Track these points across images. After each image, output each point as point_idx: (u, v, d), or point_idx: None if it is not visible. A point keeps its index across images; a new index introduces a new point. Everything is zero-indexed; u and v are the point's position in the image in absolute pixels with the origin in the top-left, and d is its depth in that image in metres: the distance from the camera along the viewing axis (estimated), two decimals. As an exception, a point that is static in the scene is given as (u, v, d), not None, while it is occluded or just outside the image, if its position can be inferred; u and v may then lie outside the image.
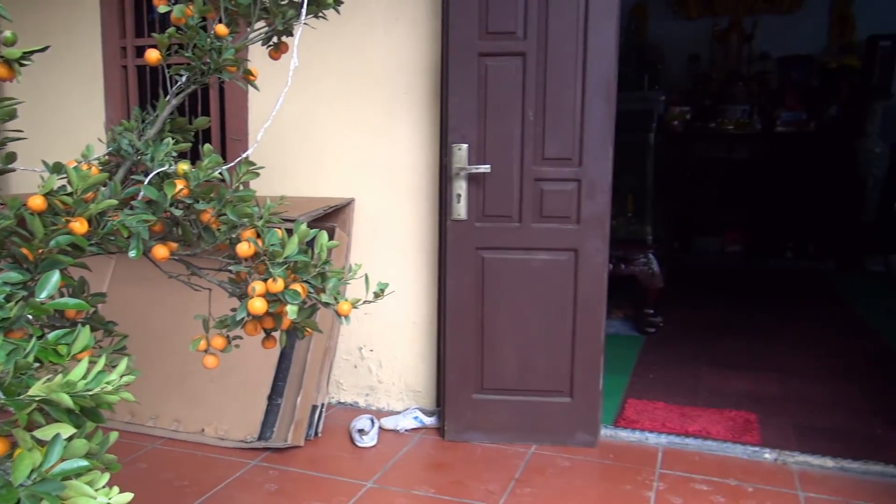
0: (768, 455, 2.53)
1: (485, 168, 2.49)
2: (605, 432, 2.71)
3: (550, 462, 2.52)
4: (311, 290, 1.48)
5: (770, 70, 6.56)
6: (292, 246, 1.43)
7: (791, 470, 2.45)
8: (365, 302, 1.55)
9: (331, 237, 1.94)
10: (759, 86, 6.45)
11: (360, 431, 2.67)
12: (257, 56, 2.08)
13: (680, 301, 4.75)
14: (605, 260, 2.52)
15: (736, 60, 6.62)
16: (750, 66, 6.61)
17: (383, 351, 2.95)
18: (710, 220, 6.49)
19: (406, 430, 2.77)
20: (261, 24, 1.63)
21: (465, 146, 2.50)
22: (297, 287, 1.44)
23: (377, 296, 1.55)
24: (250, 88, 1.71)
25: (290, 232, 1.49)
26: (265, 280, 1.42)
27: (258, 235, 1.48)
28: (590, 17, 2.42)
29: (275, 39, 1.68)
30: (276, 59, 1.72)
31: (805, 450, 2.54)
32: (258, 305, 1.40)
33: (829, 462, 2.47)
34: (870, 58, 6.07)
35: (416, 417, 2.79)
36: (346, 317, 1.50)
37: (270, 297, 1.42)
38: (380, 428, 2.74)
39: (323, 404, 2.74)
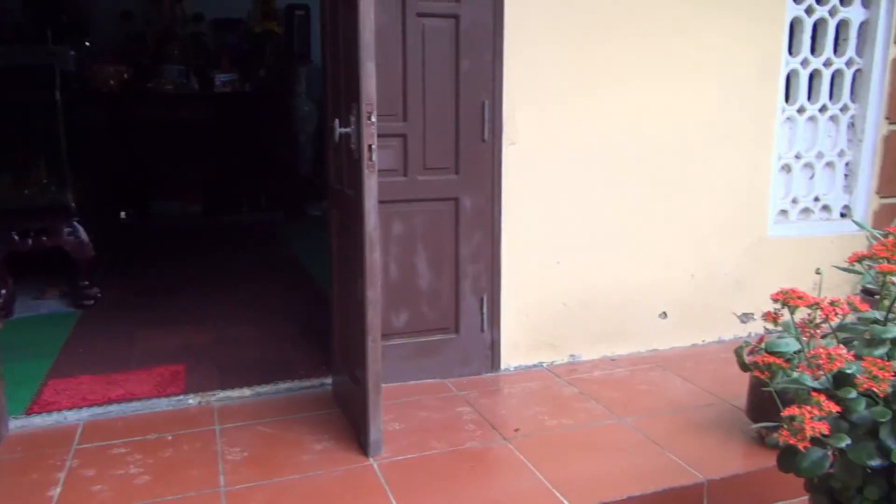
0: (192, 400, 2.63)
1: None
2: (15, 424, 2.43)
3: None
4: None
5: (205, 31, 6.74)
6: None
7: (213, 408, 2.58)
8: None
9: None
10: (196, 47, 6.58)
11: None
12: None
13: (132, 268, 4.60)
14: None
15: (171, 20, 6.60)
16: (185, 26, 6.67)
17: None
18: (167, 183, 6.43)
19: None
20: None
21: None
22: None
23: None
24: None
25: None
26: None
27: None
28: None
29: None
30: None
31: (227, 387, 2.72)
32: None
33: (246, 392, 2.70)
34: (290, 24, 6.74)
35: None
36: None
37: None
38: None
39: None
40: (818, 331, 1.42)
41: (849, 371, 1.37)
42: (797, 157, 3.35)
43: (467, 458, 2.22)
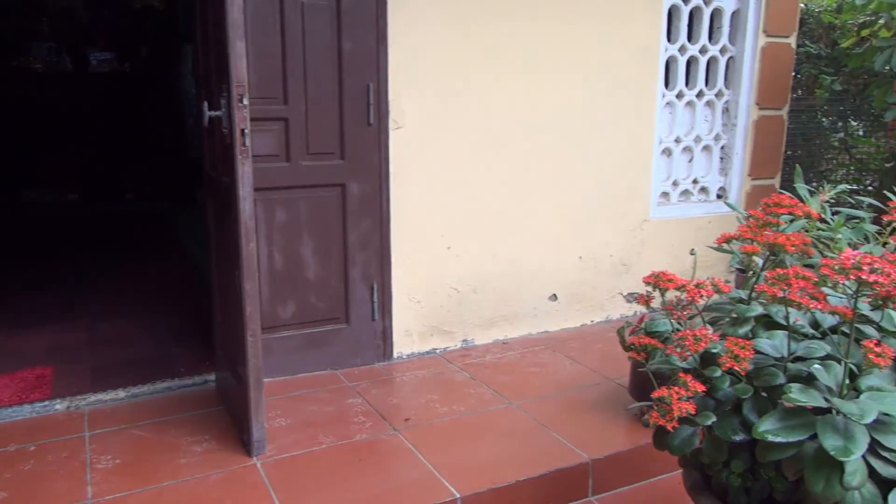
0: (59, 406, 2.44)
1: None
2: None
3: None
4: None
5: (77, 6, 6.27)
6: None
7: (83, 413, 2.41)
8: None
9: None
10: (67, 22, 6.11)
11: None
12: None
13: (-6, 263, 4.24)
14: None
15: (38, -8, 6.10)
16: (55, 1, 6.18)
17: None
18: (41, 170, 5.97)
19: None
20: None
21: None
22: None
23: None
24: None
25: None
26: None
27: None
28: None
29: None
30: None
31: (99, 389, 2.54)
32: None
33: (121, 394, 2.53)
34: (172, 1, 6.37)
35: None
36: None
37: None
38: None
39: None
40: (685, 312, 1.46)
41: (714, 351, 1.41)
42: (677, 140, 3.47)
43: (356, 451, 2.17)
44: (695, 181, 3.58)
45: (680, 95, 3.43)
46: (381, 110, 2.69)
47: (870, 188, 4.20)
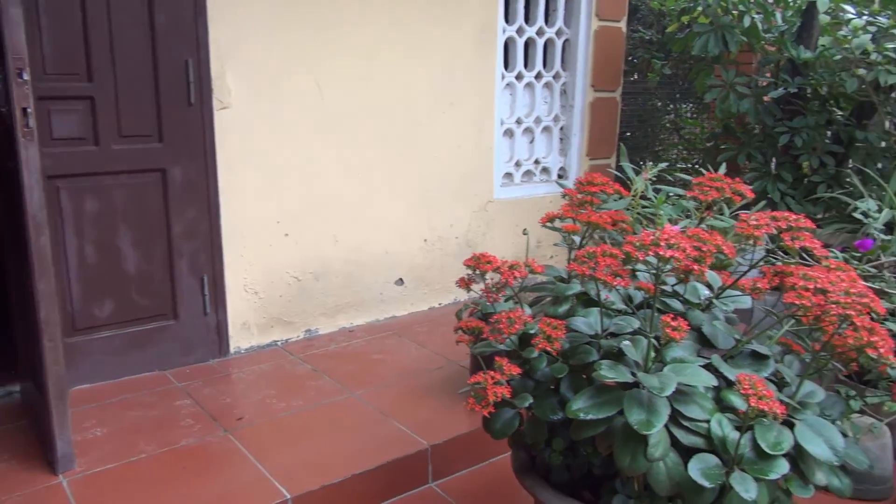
0: None
1: None
2: None
3: None
4: None
5: None
6: None
7: None
8: None
9: None
10: None
11: None
12: None
13: None
14: None
15: None
16: None
17: None
18: None
19: None
20: None
21: None
22: None
23: None
24: None
25: None
26: None
27: None
28: None
29: None
30: None
31: None
32: None
33: None
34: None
35: None
36: None
37: None
38: None
39: None
40: (500, 294, 1.44)
41: (532, 332, 1.40)
42: (518, 122, 3.52)
43: (180, 458, 2.01)
44: (536, 161, 3.65)
45: (519, 77, 3.47)
46: (204, 89, 2.50)
47: (698, 166, 4.49)
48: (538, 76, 3.53)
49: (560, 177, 3.76)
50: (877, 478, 2.26)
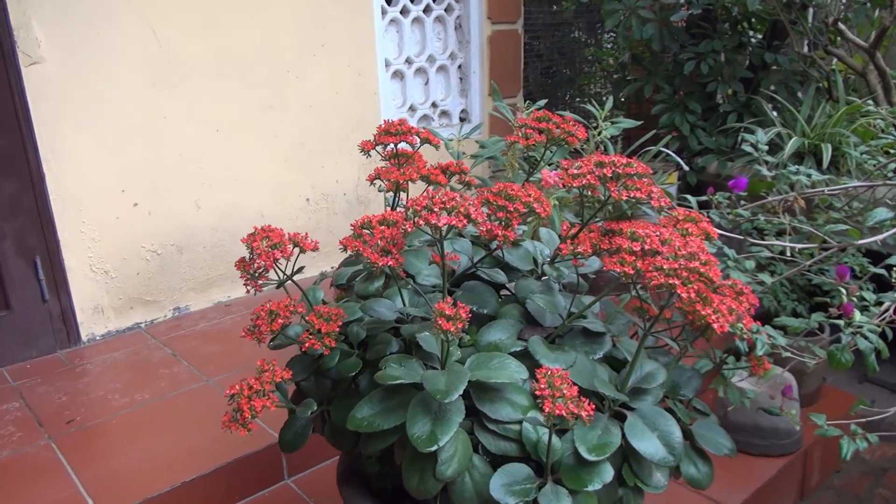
0: None
1: None
2: None
3: None
4: None
5: None
6: None
7: None
8: None
9: None
10: None
11: None
12: None
13: None
14: None
15: None
16: None
17: None
18: None
19: None
20: None
21: None
22: None
23: None
24: None
25: None
26: None
27: None
28: None
29: None
30: None
31: None
32: None
33: None
34: None
35: None
36: None
37: None
38: None
39: None
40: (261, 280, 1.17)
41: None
42: (408, 62, 3.20)
43: (-14, 477, 1.74)
44: (434, 105, 3.35)
45: (405, 11, 3.13)
46: (4, 42, 2.13)
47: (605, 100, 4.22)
48: (427, 10, 3.19)
49: (462, 120, 3.47)
50: (783, 431, 2.11)
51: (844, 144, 2.50)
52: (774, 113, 2.86)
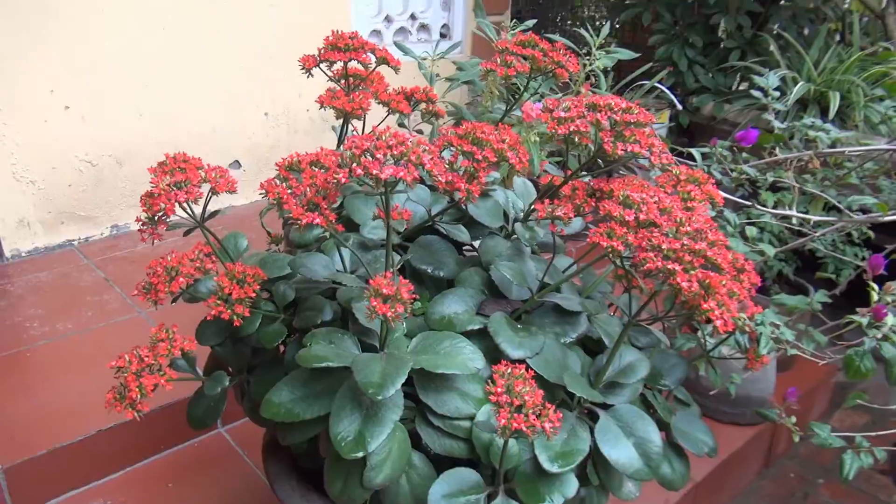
0: None
1: None
2: None
3: None
4: None
5: None
6: None
7: None
8: None
9: None
10: None
11: None
12: None
13: None
14: None
15: None
16: None
17: None
18: None
19: None
20: None
21: None
22: None
23: None
24: None
25: None
26: None
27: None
28: None
29: None
30: None
31: None
32: None
33: None
34: None
35: None
36: None
37: None
38: None
39: None
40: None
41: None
42: (386, -34, 2.87)
43: None
44: (413, 17, 3.04)
45: None
46: None
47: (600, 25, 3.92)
48: None
49: (443, 36, 3.17)
50: (755, 400, 1.99)
51: (854, 93, 2.29)
52: (780, 53, 2.62)
